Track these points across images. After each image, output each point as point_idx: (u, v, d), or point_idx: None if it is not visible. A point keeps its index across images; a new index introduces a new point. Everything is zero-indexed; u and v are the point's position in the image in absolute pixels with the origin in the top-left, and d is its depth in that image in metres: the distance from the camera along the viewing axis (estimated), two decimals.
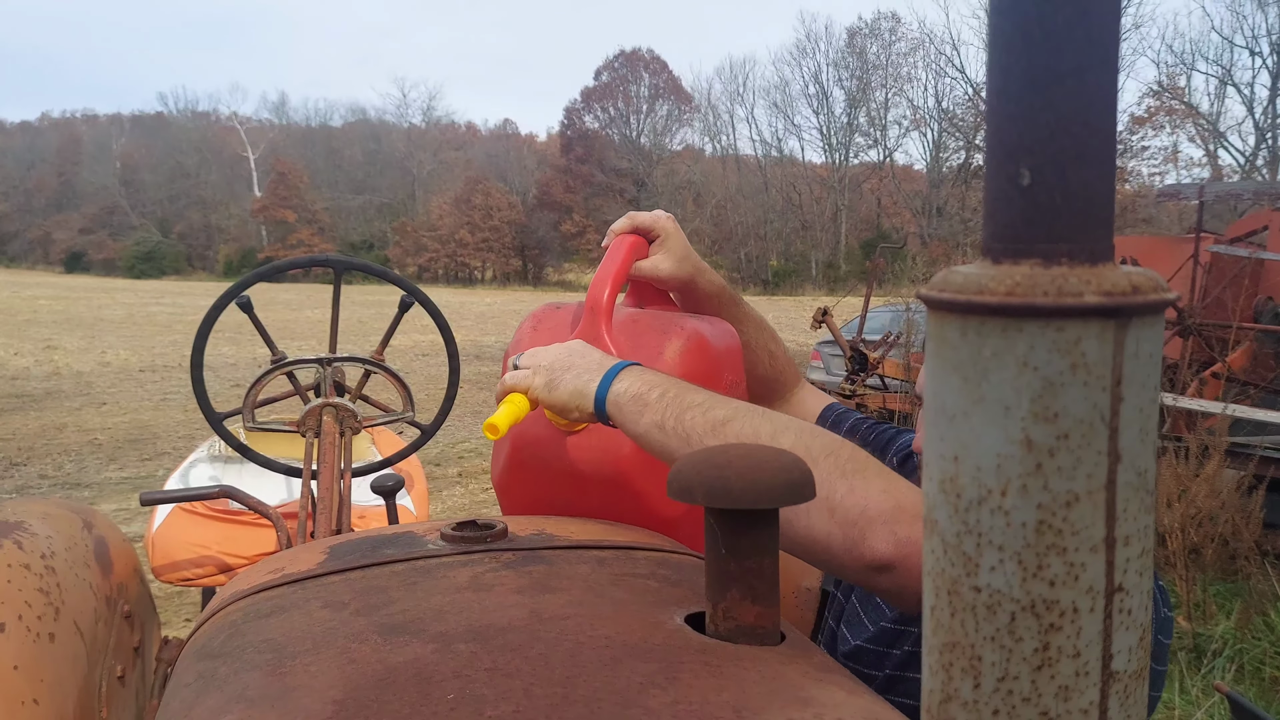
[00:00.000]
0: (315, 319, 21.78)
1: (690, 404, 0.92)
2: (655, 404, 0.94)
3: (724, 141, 52.86)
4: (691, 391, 0.94)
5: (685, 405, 0.92)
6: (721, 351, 1.21)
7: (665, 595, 0.80)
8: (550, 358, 1.03)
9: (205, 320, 1.94)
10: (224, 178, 60.95)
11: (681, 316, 1.21)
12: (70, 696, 1.05)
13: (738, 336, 1.29)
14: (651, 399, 0.94)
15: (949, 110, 42.69)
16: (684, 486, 0.69)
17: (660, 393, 0.94)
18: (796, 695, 0.62)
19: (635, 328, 1.19)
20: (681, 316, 1.21)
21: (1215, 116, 35.68)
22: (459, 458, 8.49)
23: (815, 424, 1.43)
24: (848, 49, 46.95)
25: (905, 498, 0.85)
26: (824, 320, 8.42)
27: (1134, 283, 0.32)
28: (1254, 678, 3.82)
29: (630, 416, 0.95)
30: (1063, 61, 0.32)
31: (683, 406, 0.92)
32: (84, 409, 10.81)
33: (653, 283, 1.28)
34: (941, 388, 0.34)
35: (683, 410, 0.92)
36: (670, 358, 1.13)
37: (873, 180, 46.76)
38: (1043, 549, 0.32)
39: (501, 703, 0.59)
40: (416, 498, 3.34)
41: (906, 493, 0.85)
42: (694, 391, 0.94)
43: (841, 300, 11.13)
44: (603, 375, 0.98)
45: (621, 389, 0.96)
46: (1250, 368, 6.19)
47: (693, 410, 0.91)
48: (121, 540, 1.36)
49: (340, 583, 0.84)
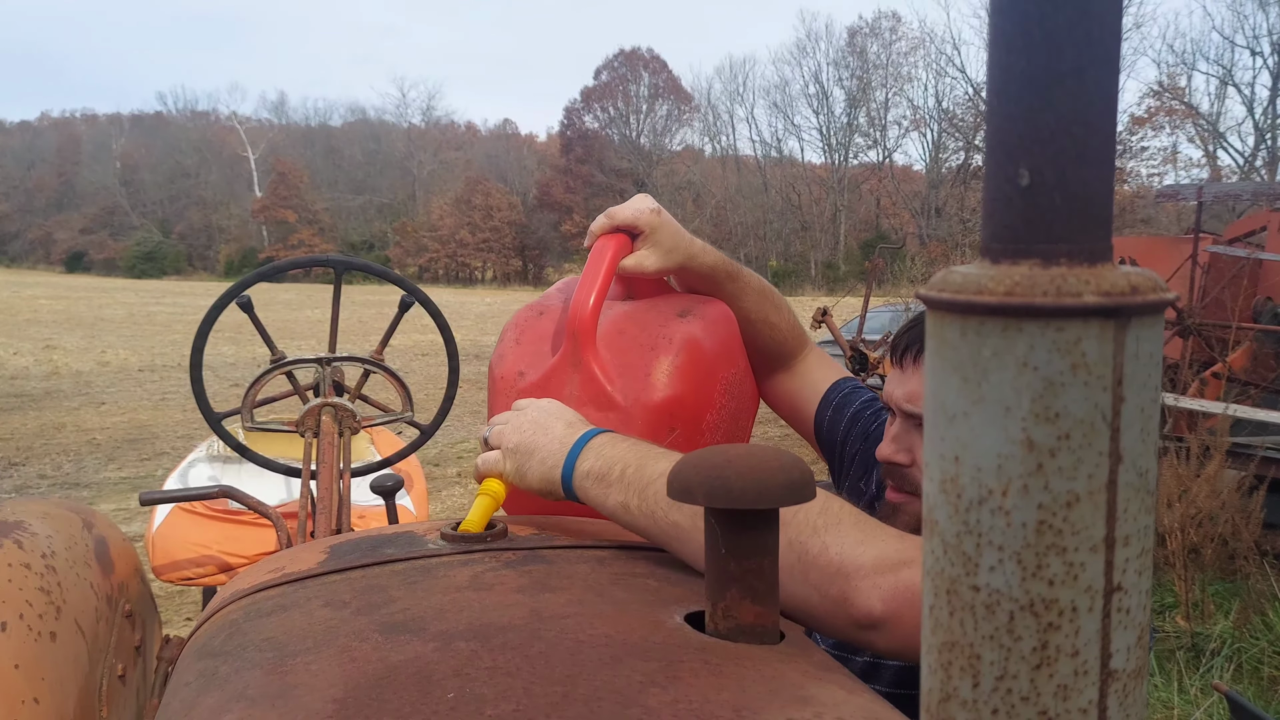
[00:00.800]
0: (315, 319, 21.78)
1: (652, 478, 0.89)
2: (618, 483, 0.91)
3: (724, 142, 52.94)
4: (653, 461, 0.90)
5: (647, 481, 0.89)
6: (716, 351, 1.18)
7: (665, 594, 0.80)
8: (516, 439, 0.99)
9: (205, 320, 1.95)
10: (224, 178, 60.95)
11: (669, 320, 1.16)
12: (71, 695, 1.05)
13: (733, 319, 1.25)
14: (613, 478, 0.91)
15: (949, 110, 42.74)
16: (684, 487, 0.69)
17: (620, 470, 0.91)
18: (796, 694, 0.62)
19: (621, 342, 1.14)
20: (669, 320, 1.16)
21: (1215, 117, 35.71)
22: (458, 458, 8.49)
23: (821, 399, 1.40)
24: (848, 48, 47.03)
25: (886, 546, 0.81)
26: (823, 320, 8.44)
27: (1133, 283, 0.32)
28: (1252, 677, 3.82)
29: (597, 498, 0.93)
30: (1063, 61, 0.32)
31: (644, 482, 0.89)
32: (83, 409, 10.81)
33: (641, 277, 1.23)
34: (941, 388, 0.34)
35: (644, 487, 0.89)
36: (660, 380, 1.10)
37: (872, 181, 46.76)
38: (1042, 549, 0.32)
39: (502, 701, 0.59)
40: (416, 498, 3.34)
41: (886, 540, 0.82)
42: (656, 460, 0.90)
43: (841, 300, 11.14)
44: (565, 458, 0.95)
45: (585, 470, 0.94)
46: (1251, 368, 6.19)
47: (655, 484, 0.88)
48: (122, 540, 1.36)
49: (340, 582, 0.84)
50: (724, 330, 1.22)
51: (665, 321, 1.16)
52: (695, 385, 1.12)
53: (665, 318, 1.17)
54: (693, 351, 1.13)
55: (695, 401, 1.14)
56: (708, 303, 1.22)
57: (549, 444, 0.97)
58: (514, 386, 1.17)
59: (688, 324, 1.16)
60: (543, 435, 0.98)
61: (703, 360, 1.15)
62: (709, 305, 1.22)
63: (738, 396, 1.24)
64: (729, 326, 1.23)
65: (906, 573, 0.80)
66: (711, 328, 1.18)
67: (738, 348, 1.25)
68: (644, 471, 0.90)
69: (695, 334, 1.15)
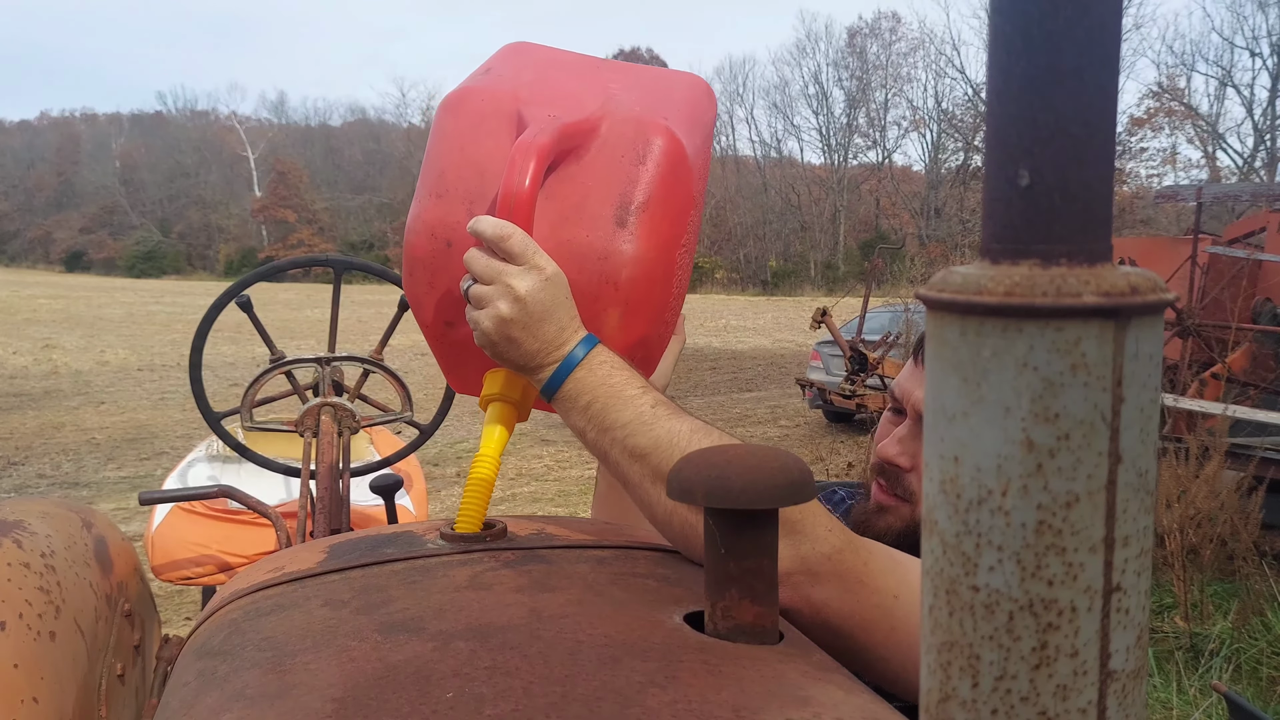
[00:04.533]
0: (315, 319, 21.77)
1: (612, 424, 0.89)
2: (582, 412, 0.91)
3: (723, 142, 52.88)
4: (617, 408, 0.89)
5: (607, 425, 0.89)
6: (691, 169, 1.00)
7: (664, 594, 0.80)
8: (497, 332, 0.90)
9: (205, 320, 1.95)
10: (224, 177, 60.93)
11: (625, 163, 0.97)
12: (70, 694, 1.05)
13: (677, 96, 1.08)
14: (579, 405, 0.91)
15: (948, 111, 42.77)
16: (684, 487, 0.69)
17: (588, 401, 0.90)
18: (795, 694, 0.62)
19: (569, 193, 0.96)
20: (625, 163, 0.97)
21: (1214, 118, 35.73)
22: (457, 457, 8.49)
23: None
24: (848, 49, 47.05)
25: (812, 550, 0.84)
26: (823, 320, 8.44)
27: (1132, 283, 0.32)
28: (1251, 677, 3.82)
29: (564, 413, 0.93)
30: (1063, 62, 0.32)
31: (603, 426, 0.89)
32: (82, 408, 10.81)
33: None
34: (941, 388, 0.34)
35: (603, 430, 0.89)
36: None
37: (871, 181, 46.78)
38: (1042, 549, 0.32)
39: (501, 701, 0.59)
40: (415, 497, 3.34)
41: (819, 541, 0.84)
42: (622, 408, 0.89)
43: (840, 301, 11.15)
44: (549, 377, 0.92)
45: (561, 394, 0.92)
46: (1250, 369, 6.20)
47: (613, 432, 0.88)
48: (121, 539, 1.36)
49: (340, 581, 0.84)
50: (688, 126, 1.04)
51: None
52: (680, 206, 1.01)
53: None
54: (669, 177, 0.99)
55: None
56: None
57: (534, 347, 0.91)
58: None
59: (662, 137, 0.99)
60: (529, 337, 0.91)
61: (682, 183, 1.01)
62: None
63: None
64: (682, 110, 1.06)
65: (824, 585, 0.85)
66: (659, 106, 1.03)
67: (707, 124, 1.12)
68: (608, 414, 0.89)
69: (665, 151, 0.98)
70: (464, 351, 1.02)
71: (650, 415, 0.88)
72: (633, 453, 0.88)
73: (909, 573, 0.88)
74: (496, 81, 1.03)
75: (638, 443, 0.87)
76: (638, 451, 0.87)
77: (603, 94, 1.03)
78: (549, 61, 1.10)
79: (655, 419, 0.88)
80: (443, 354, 1.07)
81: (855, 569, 0.86)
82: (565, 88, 1.03)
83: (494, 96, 1.00)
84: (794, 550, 0.83)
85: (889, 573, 0.87)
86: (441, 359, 1.08)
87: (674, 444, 0.85)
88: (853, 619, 0.85)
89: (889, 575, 0.87)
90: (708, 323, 23.94)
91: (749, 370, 15.39)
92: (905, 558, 0.91)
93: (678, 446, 0.85)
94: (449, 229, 0.97)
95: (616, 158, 0.97)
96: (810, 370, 10.73)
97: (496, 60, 1.10)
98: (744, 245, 45.53)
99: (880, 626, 0.86)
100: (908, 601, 0.86)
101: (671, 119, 1.01)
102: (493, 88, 1.02)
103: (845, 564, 0.85)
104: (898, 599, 0.86)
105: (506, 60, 1.10)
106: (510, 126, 0.98)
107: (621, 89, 1.05)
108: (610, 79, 1.07)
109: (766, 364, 16.11)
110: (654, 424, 0.88)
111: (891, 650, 0.86)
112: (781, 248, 46.41)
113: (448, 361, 1.08)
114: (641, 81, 1.09)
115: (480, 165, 0.97)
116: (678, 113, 1.04)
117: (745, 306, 31.48)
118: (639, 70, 1.14)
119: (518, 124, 0.98)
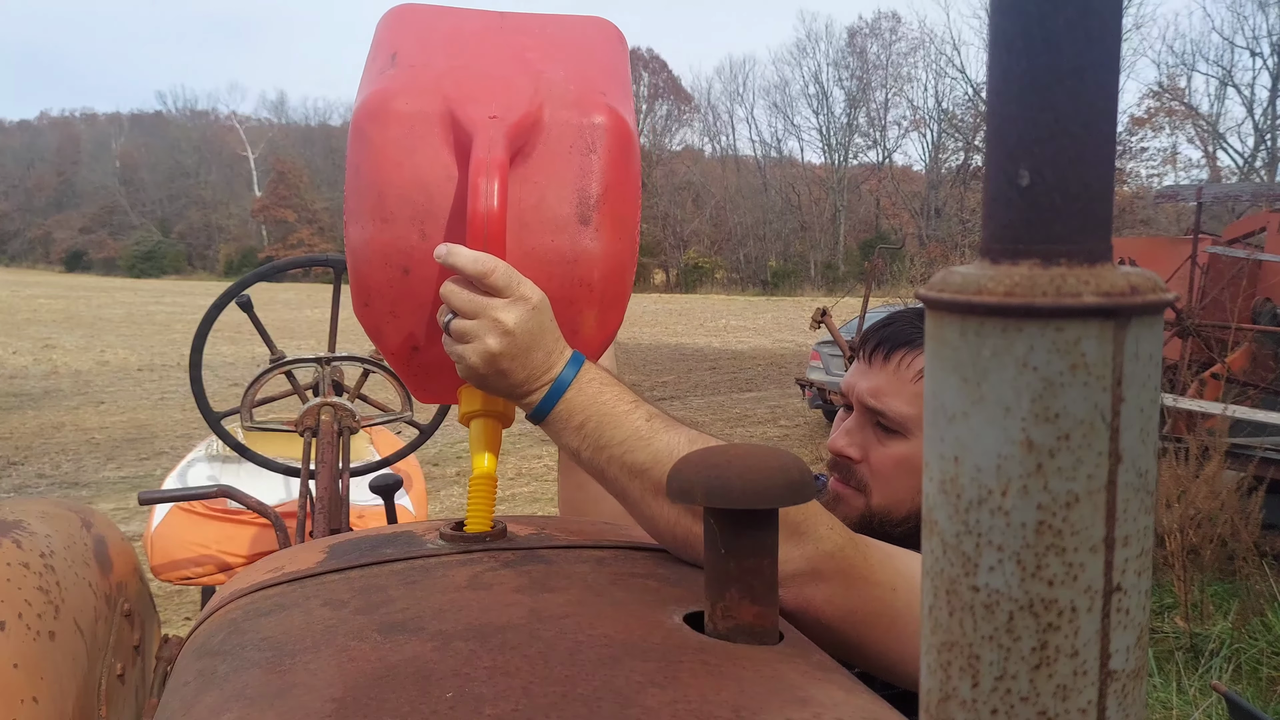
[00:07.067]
0: (315, 319, 21.76)
1: (608, 442, 0.87)
2: (575, 432, 0.89)
3: (723, 142, 52.94)
4: (612, 426, 0.88)
5: (603, 444, 0.88)
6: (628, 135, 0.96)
7: (664, 595, 0.80)
8: (485, 367, 0.88)
9: (205, 320, 1.95)
10: (224, 177, 60.91)
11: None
12: (70, 694, 1.05)
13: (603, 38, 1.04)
14: (572, 425, 0.89)
15: (949, 111, 42.76)
16: (684, 487, 0.69)
17: (581, 421, 0.89)
18: (795, 694, 0.62)
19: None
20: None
21: (1215, 118, 35.73)
22: (457, 457, 8.49)
23: None
24: (848, 49, 47.01)
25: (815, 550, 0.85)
26: (823, 320, 8.42)
27: (1132, 283, 0.32)
28: (1251, 678, 3.82)
29: (555, 436, 0.91)
30: (1063, 61, 0.32)
31: (599, 445, 0.88)
32: (82, 408, 10.81)
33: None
34: (941, 388, 0.34)
35: (599, 449, 0.88)
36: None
37: (871, 181, 46.76)
38: (1042, 549, 0.32)
39: (500, 701, 0.59)
40: (415, 497, 3.34)
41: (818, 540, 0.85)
42: (617, 425, 0.88)
43: (840, 300, 11.13)
44: (537, 405, 0.90)
45: (552, 416, 0.90)
46: (1250, 369, 6.20)
47: (610, 450, 0.87)
48: (120, 539, 1.36)
49: (340, 581, 0.84)
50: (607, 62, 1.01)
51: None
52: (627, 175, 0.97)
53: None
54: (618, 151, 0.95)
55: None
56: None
57: (523, 376, 0.89)
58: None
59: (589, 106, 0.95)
60: (518, 367, 0.88)
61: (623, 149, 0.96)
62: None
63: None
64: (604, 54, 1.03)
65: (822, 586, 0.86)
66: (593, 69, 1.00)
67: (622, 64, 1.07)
68: (603, 433, 0.88)
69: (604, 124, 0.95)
70: (432, 370, 0.98)
71: (647, 430, 0.87)
72: (631, 469, 0.87)
73: (902, 564, 0.89)
74: (413, 77, 0.95)
75: (636, 459, 0.86)
76: (637, 468, 0.86)
77: (529, 73, 0.96)
78: (452, 33, 1.02)
79: (652, 433, 0.87)
80: (409, 374, 1.02)
81: (857, 565, 0.86)
82: (487, 71, 0.96)
83: (419, 98, 0.92)
84: (799, 551, 0.83)
85: (885, 565, 0.89)
86: (408, 379, 1.03)
87: (673, 457, 0.84)
88: (855, 614, 0.86)
89: (886, 568, 0.88)
90: (708, 323, 23.93)
91: (749, 370, 15.38)
92: (896, 549, 0.92)
93: (676, 459, 0.84)
94: (403, 255, 0.91)
95: (566, 150, 0.92)
96: (810, 370, 10.73)
97: (393, 37, 1.02)
98: (744, 245, 45.50)
99: (882, 619, 0.87)
100: (905, 592, 0.87)
101: (606, 90, 0.96)
102: (413, 85, 0.93)
103: (848, 560, 0.86)
104: (895, 591, 0.87)
105: (406, 37, 1.01)
106: (445, 131, 0.91)
107: (542, 59, 0.98)
108: (525, 46, 1.00)
109: (766, 364, 16.10)
110: (651, 438, 0.87)
111: (892, 642, 0.87)
112: (781, 248, 46.39)
113: (415, 380, 1.03)
114: (558, 44, 1.02)
115: (423, 182, 0.90)
116: (607, 77, 0.99)
117: (745, 306, 31.47)
118: (545, 25, 1.06)
119: (452, 126, 0.91)
